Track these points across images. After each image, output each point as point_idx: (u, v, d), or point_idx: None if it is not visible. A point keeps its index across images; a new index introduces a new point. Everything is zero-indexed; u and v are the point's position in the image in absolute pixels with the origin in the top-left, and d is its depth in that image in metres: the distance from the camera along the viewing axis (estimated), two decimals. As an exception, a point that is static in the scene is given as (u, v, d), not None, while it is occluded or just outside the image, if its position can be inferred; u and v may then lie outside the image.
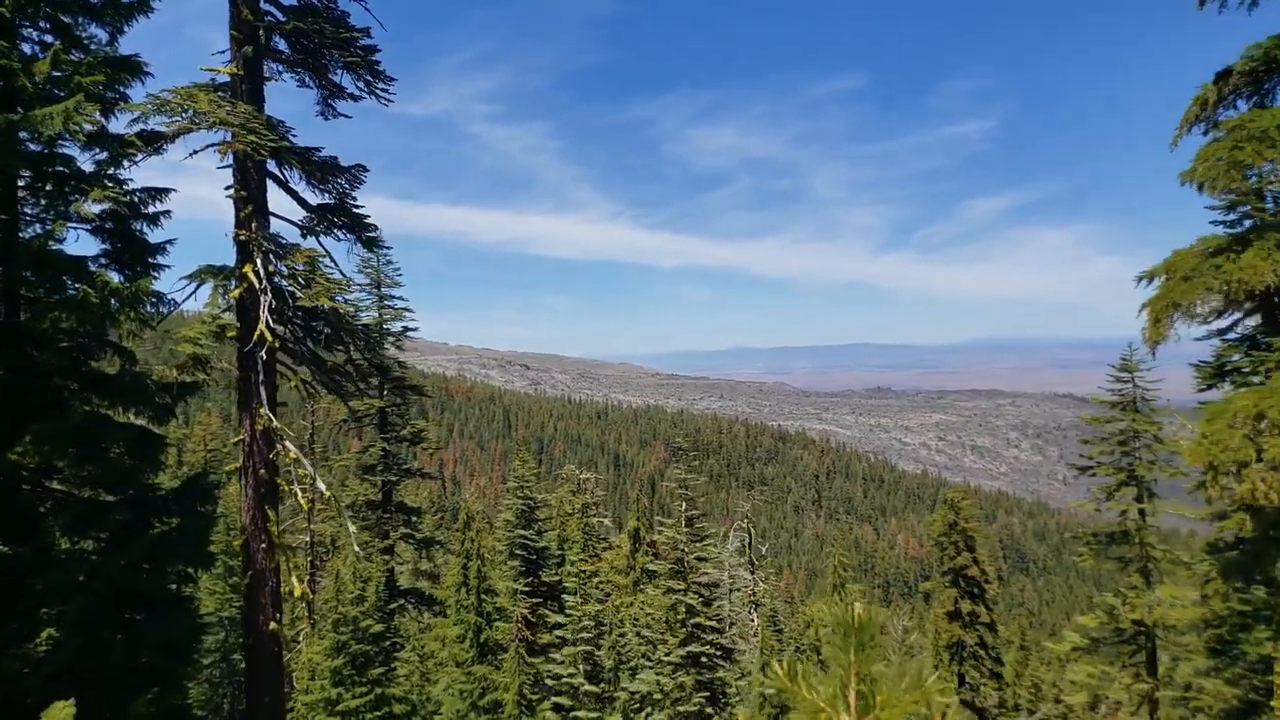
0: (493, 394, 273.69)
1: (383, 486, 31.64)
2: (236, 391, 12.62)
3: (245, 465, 12.64)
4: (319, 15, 12.67)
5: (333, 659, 23.60)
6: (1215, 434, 7.17)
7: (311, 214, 13.49)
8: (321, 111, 14.06)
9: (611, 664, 18.74)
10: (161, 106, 11.44)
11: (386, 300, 32.03)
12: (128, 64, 12.72)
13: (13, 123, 10.30)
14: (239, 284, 12.15)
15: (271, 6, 12.81)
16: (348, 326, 12.43)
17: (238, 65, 12.34)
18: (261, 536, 12.52)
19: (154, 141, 11.81)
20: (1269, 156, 7.30)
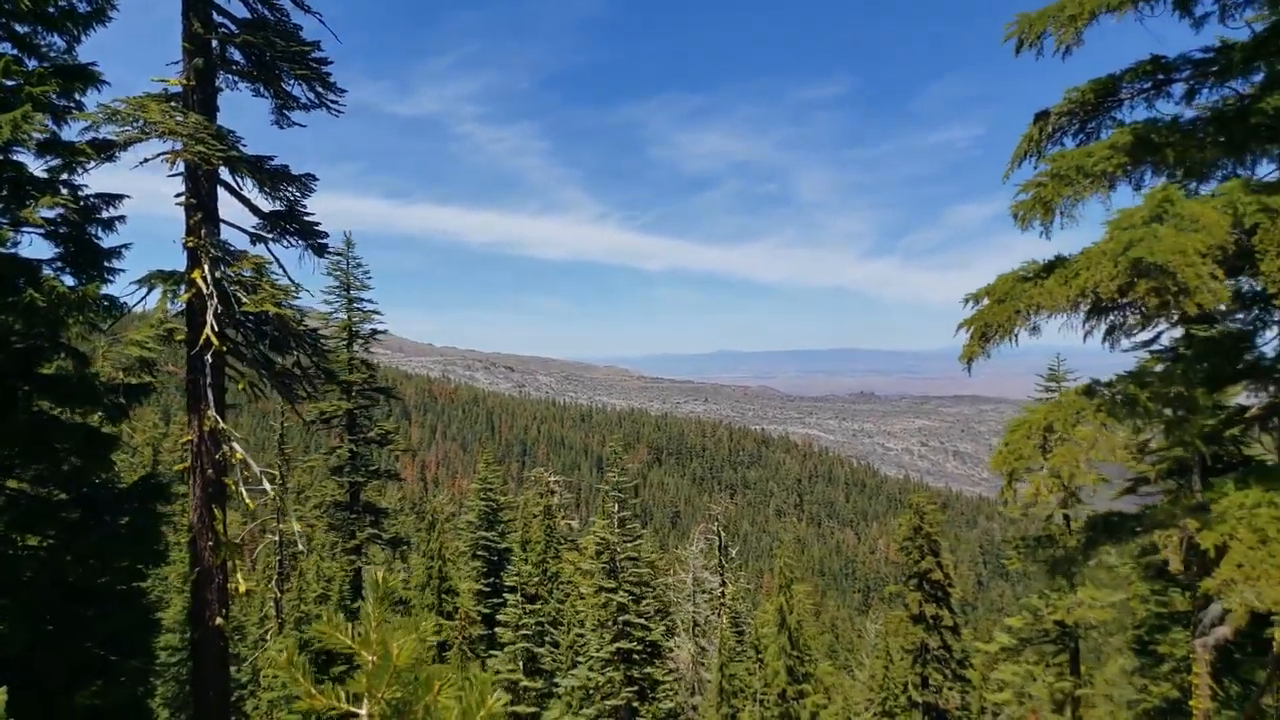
0: (476, 396, 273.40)
1: (350, 487, 31.90)
2: (185, 393, 12.97)
3: (193, 465, 12.99)
4: (270, 29, 13.05)
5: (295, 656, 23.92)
6: (1013, 443, 7.74)
7: (263, 221, 13.86)
8: (276, 120, 14.43)
9: (552, 661, 19.13)
10: (112, 116, 11.79)
11: (355, 303, 32.35)
12: (82, 73, 13.05)
13: (-38, 131, 10.61)
14: (188, 289, 12.52)
15: (224, 19, 13.18)
16: (294, 331, 12.80)
17: (189, 76, 12.70)
18: (208, 534, 12.87)
19: (105, 149, 12.16)
20: (1065, 194, 7.83)
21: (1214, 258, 6.57)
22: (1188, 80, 8.32)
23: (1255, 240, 6.63)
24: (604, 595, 18.18)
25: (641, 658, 17.53)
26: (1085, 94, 8.43)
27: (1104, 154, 7.77)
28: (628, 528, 19.23)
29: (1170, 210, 6.89)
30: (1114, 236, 7.00)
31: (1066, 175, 7.84)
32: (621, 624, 17.74)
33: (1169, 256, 6.40)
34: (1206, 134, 7.65)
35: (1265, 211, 6.62)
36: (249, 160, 13.06)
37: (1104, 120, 8.57)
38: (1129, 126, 8.13)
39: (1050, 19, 8.08)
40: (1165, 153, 7.59)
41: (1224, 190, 7.12)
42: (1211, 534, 7.01)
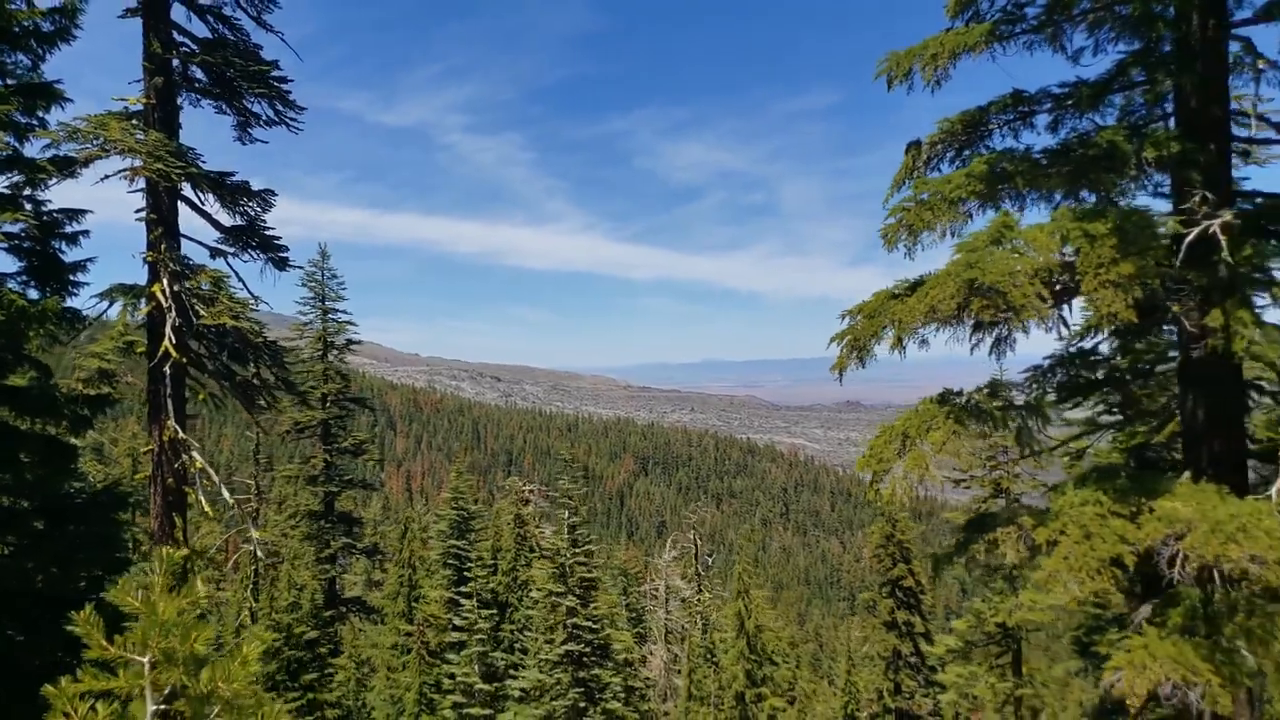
0: (462, 406, 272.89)
1: (325, 497, 32.14)
2: (146, 404, 13.28)
3: (154, 474, 13.29)
4: (229, 48, 13.44)
5: (265, 664, 24.09)
6: (876, 448, 8.24)
7: (225, 235, 14.21)
8: (238, 137, 14.80)
9: (507, 665, 19.48)
10: (73, 134, 12.13)
11: (330, 313, 32.68)
12: (45, 91, 13.37)
13: (-77, 150, 10.94)
14: (148, 302, 12.85)
15: (185, 39, 13.55)
16: (252, 344, 13.13)
17: (150, 94, 13.06)
18: (169, 542, 13.14)
19: (67, 166, 12.48)
20: (926, 218, 8.33)
21: (1042, 279, 7.10)
22: (1051, 112, 8.87)
23: (1078, 263, 7.14)
24: (553, 599, 18.58)
25: (590, 660, 17.93)
26: (954, 124, 8.98)
27: (960, 181, 8.29)
28: (577, 534, 19.65)
29: (1007, 235, 7.42)
30: (957, 258, 7.53)
31: (928, 202, 8.36)
32: (570, 626, 18.14)
33: (999, 278, 6.91)
34: (1052, 164, 8.17)
35: (1086, 237, 7.12)
36: (209, 176, 13.41)
37: (979, 148, 9.10)
38: (984, 156, 8.66)
39: (916, 57, 8.62)
40: (1016, 180, 8.10)
41: (1056, 216, 7.66)
42: (1045, 530, 7.52)
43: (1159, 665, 6.81)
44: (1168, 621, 7.34)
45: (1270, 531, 6.62)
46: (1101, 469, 8.47)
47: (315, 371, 32.24)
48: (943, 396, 8.55)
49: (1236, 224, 7.49)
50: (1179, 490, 7.35)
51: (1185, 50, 8.22)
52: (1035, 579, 7.68)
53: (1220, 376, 8.09)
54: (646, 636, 36.66)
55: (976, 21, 8.63)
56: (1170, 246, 7.53)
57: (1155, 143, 7.93)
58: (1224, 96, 8.07)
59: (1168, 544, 6.93)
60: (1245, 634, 6.92)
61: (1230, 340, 7.22)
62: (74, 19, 13.89)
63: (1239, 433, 8.35)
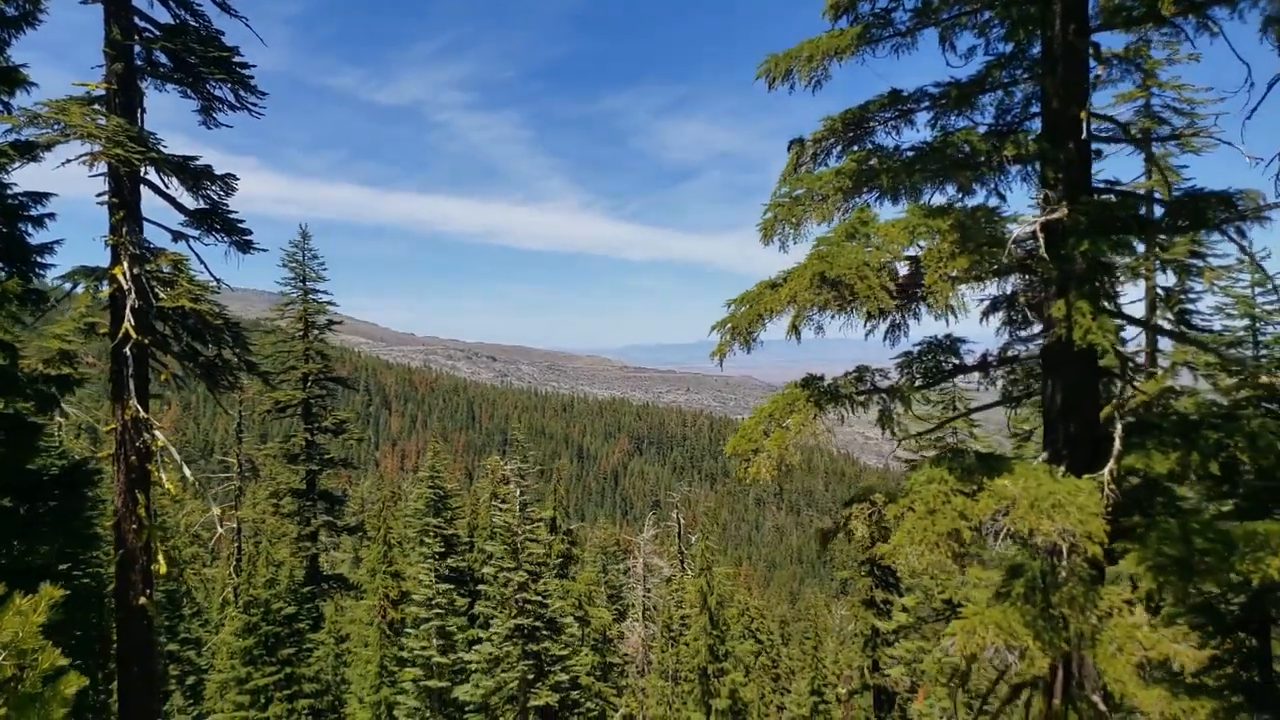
0: (457, 385, 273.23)
1: (306, 475, 32.54)
2: (110, 383, 13.58)
3: (117, 452, 13.61)
4: (190, 34, 13.63)
5: (243, 639, 24.54)
6: (746, 429, 8.64)
7: (189, 218, 14.46)
8: (203, 121, 15.00)
9: (464, 639, 19.97)
10: (34, 119, 12.34)
11: (311, 294, 32.94)
12: (8, 76, 13.57)
13: (-119, 134, 11.18)
14: (110, 284, 13.12)
15: (147, 24, 13.73)
16: (211, 325, 13.42)
17: (111, 80, 13.26)
18: (132, 518, 13.50)
19: (28, 151, 12.70)
20: (797, 213, 8.67)
21: (890, 272, 7.47)
22: (929, 110, 9.19)
23: (923, 257, 7.50)
24: (504, 575, 19.03)
25: (542, 634, 18.42)
26: (836, 123, 9.29)
27: (830, 179, 8.64)
28: (527, 512, 20.11)
29: (862, 230, 7.78)
30: (815, 251, 7.89)
31: (800, 198, 8.70)
32: (520, 601, 18.60)
33: (844, 271, 7.27)
34: (917, 162, 8.49)
35: (930, 232, 7.48)
36: (171, 160, 13.65)
37: (865, 143, 9.41)
38: (853, 154, 9.02)
39: (794, 59, 8.92)
40: (882, 178, 8.44)
41: (909, 212, 8.01)
42: (895, 506, 7.97)
43: (986, 630, 7.25)
44: (1012, 590, 7.77)
45: (1083, 507, 7.08)
46: (955, 450, 8.88)
47: (296, 351, 32.56)
48: (806, 381, 8.96)
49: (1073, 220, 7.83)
50: (1016, 469, 7.80)
51: (1049, 54, 8.52)
52: (882, 551, 8.12)
53: (1074, 363, 8.48)
54: (626, 614, 37.21)
55: (855, 24, 8.92)
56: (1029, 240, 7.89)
57: (1015, 142, 8.30)
58: (1084, 98, 8.37)
59: (996, 519, 7.37)
60: (1068, 601, 7.37)
61: (1071, 329, 7.61)
62: (39, 4, 14.06)
63: (1093, 416, 8.74)
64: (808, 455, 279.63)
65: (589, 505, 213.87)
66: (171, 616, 32.54)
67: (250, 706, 24.17)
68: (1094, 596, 7.34)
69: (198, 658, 33.21)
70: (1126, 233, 7.89)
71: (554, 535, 32.90)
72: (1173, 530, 7.40)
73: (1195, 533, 7.28)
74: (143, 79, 13.98)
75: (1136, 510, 8.19)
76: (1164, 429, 8.13)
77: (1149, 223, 8.35)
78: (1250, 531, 7.17)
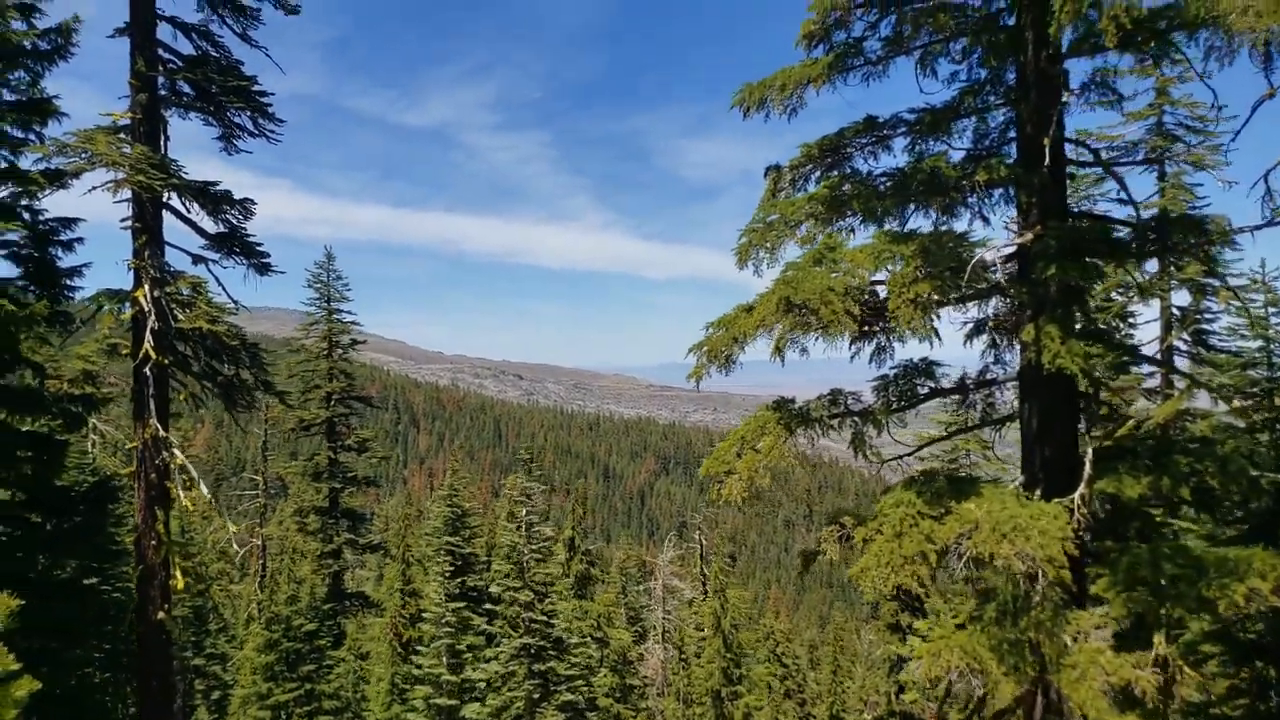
0: (484, 404, 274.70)
1: (329, 493, 32.98)
2: (132, 402, 14.00)
3: (138, 470, 14.00)
4: (211, 65, 14.13)
5: (265, 655, 24.88)
6: (719, 452, 8.74)
7: (209, 242, 14.91)
8: (224, 148, 15.50)
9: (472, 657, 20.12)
10: (62, 149, 12.85)
11: (335, 314, 33.53)
12: (40, 107, 14.13)
13: (-83, 164, 11.71)
14: (132, 306, 13.57)
15: (171, 55, 14.26)
16: (227, 346, 13.82)
17: (135, 110, 13.78)
18: (151, 534, 13.86)
19: (57, 179, 13.22)
20: (770, 238, 8.78)
21: (854, 297, 7.57)
22: (906, 135, 9.29)
23: (888, 281, 7.60)
24: (510, 594, 19.19)
25: (548, 654, 18.53)
26: (812, 149, 9.43)
27: (803, 204, 8.78)
28: (533, 531, 20.28)
29: (829, 255, 7.90)
30: (782, 276, 8.01)
31: (773, 224, 8.84)
32: (527, 621, 18.72)
33: (809, 296, 7.39)
34: (890, 188, 8.60)
35: (894, 257, 7.57)
36: (192, 186, 14.11)
37: (843, 169, 9.53)
38: (826, 180, 9.15)
39: (768, 88, 9.09)
40: (853, 204, 8.54)
41: (876, 237, 8.11)
42: (863, 529, 8.02)
43: (951, 654, 7.27)
44: (984, 615, 7.77)
45: (1045, 531, 7.08)
46: (926, 473, 8.93)
47: (320, 370, 33.12)
48: (778, 404, 9.07)
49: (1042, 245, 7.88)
50: (985, 493, 7.83)
51: (1022, 80, 8.61)
52: (850, 574, 8.18)
53: (1049, 385, 8.49)
54: (646, 635, 37.14)
55: (829, 53, 9.08)
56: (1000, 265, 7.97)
57: (988, 168, 8.37)
58: (1058, 124, 8.42)
59: (960, 542, 7.41)
60: (1036, 626, 7.36)
61: (1040, 353, 7.66)
62: (70, 38, 14.65)
63: (1069, 440, 8.73)
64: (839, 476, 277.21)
65: (615, 525, 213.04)
66: (198, 632, 33.01)
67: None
68: (1061, 621, 7.35)
69: (223, 673, 33.59)
70: (1096, 256, 7.95)
71: (572, 555, 33.01)
72: (1143, 556, 7.42)
73: (1165, 558, 7.30)
74: (166, 108, 14.50)
75: (1110, 535, 8.22)
76: (1136, 454, 8.13)
77: (1119, 246, 8.38)
78: (1222, 557, 7.15)
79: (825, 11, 8.55)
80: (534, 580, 19.40)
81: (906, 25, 8.52)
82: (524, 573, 19.50)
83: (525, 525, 20.17)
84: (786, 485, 44.86)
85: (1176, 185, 18.05)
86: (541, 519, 36.96)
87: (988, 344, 9.47)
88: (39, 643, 13.36)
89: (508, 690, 17.80)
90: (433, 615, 21.60)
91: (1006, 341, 9.35)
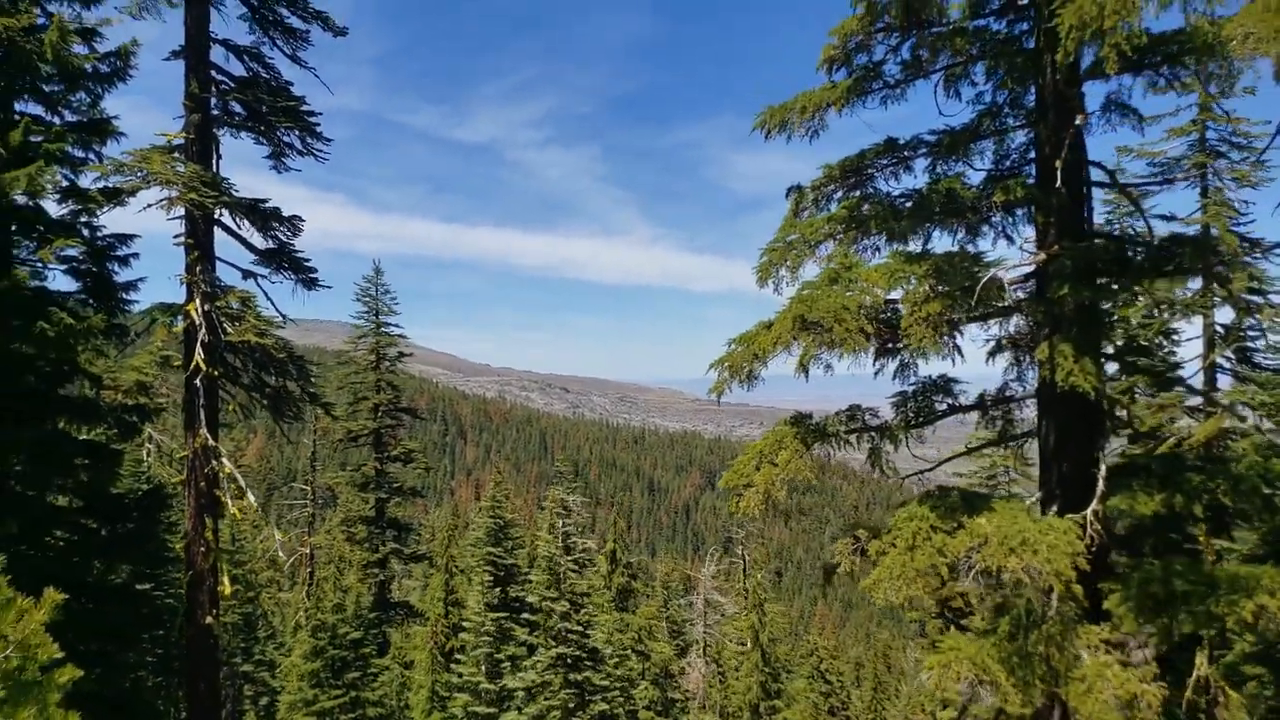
0: (530, 416, 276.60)
1: (376, 503, 33.51)
2: (183, 412, 14.43)
3: (188, 478, 14.43)
4: (261, 86, 14.60)
5: (310, 662, 25.32)
6: (739, 465, 8.70)
7: (259, 257, 15.35)
8: (274, 166, 15.96)
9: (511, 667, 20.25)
10: (119, 168, 13.37)
11: (383, 327, 34.14)
12: (100, 127, 14.72)
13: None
14: (184, 320, 14.01)
15: (223, 77, 14.75)
16: (275, 359, 14.19)
17: (189, 130, 14.27)
18: (200, 541, 14.25)
19: (114, 196, 13.75)
20: (789, 258, 8.74)
21: (867, 315, 7.56)
22: (926, 156, 9.25)
23: (901, 300, 7.56)
24: (547, 605, 19.31)
25: (584, 664, 18.61)
26: (834, 170, 9.46)
27: (822, 225, 8.79)
28: (570, 542, 20.39)
29: (845, 275, 7.90)
30: (798, 295, 8.02)
31: (793, 243, 8.86)
32: (562, 631, 18.83)
33: (823, 315, 7.41)
34: (909, 209, 8.56)
35: (908, 276, 7.52)
36: (243, 204, 14.56)
37: (865, 189, 9.53)
38: (846, 201, 9.14)
39: (789, 111, 9.14)
40: (870, 224, 8.53)
41: (890, 256, 8.08)
42: (878, 542, 7.94)
43: (961, 665, 7.18)
44: (998, 628, 7.67)
45: (1052, 546, 7.04)
46: (942, 488, 8.83)
47: (368, 382, 33.74)
48: (795, 419, 9.06)
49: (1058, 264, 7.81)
50: (996, 508, 7.74)
51: (1041, 102, 8.55)
52: (863, 586, 8.11)
53: (1064, 403, 8.37)
54: (688, 649, 37.01)
55: (849, 77, 9.13)
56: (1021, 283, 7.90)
57: (1005, 188, 8.33)
58: (1077, 145, 8.35)
59: (969, 556, 7.32)
60: (1047, 640, 7.25)
61: (1054, 371, 7.57)
62: (128, 61, 15.24)
63: (1085, 457, 8.58)
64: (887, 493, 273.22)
65: (659, 539, 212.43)
66: (247, 639, 33.71)
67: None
68: (1071, 635, 7.27)
69: (271, 679, 34.24)
70: (1110, 277, 7.89)
71: (614, 568, 33.07)
72: (1155, 572, 7.35)
73: (1177, 574, 7.26)
74: (219, 127, 14.99)
75: (1125, 550, 8.09)
76: (1150, 471, 8.05)
77: (1131, 266, 8.29)
78: (1234, 574, 7.15)
79: (846, 37, 8.66)
80: (570, 591, 19.52)
81: (924, 49, 8.58)
82: (560, 584, 19.64)
83: (562, 537, 20.32)
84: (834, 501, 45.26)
85: (1219, 202, 17.58)
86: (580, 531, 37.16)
87: (1011, 361, 9.43)
88: (96, 646, 13.80)
89: (544, 699, 17.94)
90: (472, 624, 21.85)
91: (1028, 359, 9.29)
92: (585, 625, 19.36)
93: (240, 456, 62.00)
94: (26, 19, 13.09)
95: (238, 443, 62.85)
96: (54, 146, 13.16)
